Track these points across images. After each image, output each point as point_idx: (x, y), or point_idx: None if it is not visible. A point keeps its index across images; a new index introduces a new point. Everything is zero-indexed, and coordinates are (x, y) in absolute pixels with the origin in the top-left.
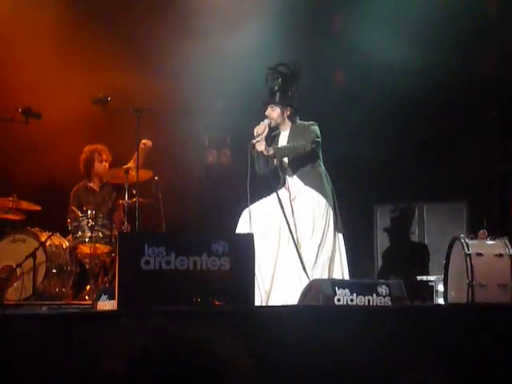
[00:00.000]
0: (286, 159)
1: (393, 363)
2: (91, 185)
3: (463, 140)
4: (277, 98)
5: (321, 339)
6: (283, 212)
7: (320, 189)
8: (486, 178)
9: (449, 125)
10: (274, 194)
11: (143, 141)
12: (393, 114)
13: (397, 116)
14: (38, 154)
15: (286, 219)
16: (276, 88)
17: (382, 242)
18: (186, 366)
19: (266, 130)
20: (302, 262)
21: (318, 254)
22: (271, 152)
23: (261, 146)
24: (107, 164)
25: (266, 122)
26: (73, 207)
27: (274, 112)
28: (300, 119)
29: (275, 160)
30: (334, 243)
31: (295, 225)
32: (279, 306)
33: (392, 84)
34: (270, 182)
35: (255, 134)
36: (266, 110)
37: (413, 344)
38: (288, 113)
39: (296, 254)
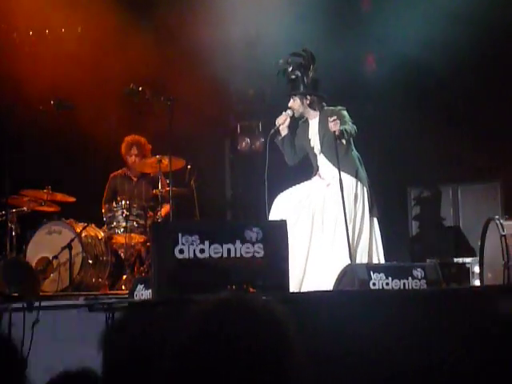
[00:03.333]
0: (318, 145)
1: (429, 347)
2: (129, 173)
3: (497, 119)
4: (294, 88)
5: (356, 324)
6: (320, 199)
7: (354, 173)
8: None
9: (483, 104)
10: (307, 181)
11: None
12: (426, 95)
13: (430, 97)
14: (71, 145)
15: (323, 206)
16: (292, 78)
17: (416, 224)
18: (223, 354)
19: (288, 120)
20: (349, 248)
21: (357, 239)
22: (341, 131)
23: (336, 126)
24: (137, 158)
25: (288, 112)
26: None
27: (294, 103)
28: (328, 105)
29: (344, 140)
30: (370, 228)
31: (336, 210)
32: (314, 292)
33: (425, 63)
34: (301, 170)
35: (277, 123)
36: (289, 101)
37: (449, 327)
38: (307, 102)
39: (329, 240)
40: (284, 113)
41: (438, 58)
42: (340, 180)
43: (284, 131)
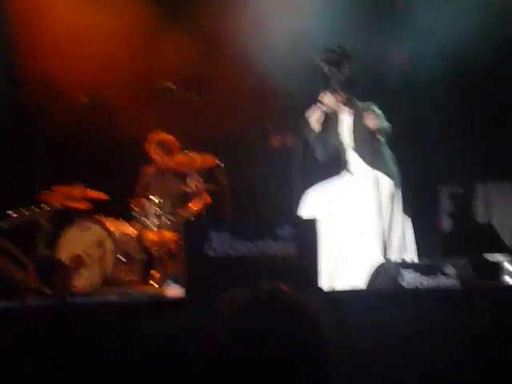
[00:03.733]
0: (349, 141)
1: (462, 345)
2: (161, 169)
3: None
4: (326, 84)
5: (389, 323)
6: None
7: (385, 169)
8: None
9: None
10: (336, 177)
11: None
12: (456, 91)
13: (460, 92)
14: (104, 142)
15: (353, 202)
16: (324, 73)
17: (447, 222)
18: (255, 353)
19: (318, 113)
20: (385, 247)
21: (388, 237)
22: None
23: (374, 121)
24: (163, 156)
25: (319, 106)
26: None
27: (326, 98)
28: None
29: (380, 137)
30: (403, 226)
31: (366, 209)
32: (347, 291)
33: (455, 60)
34: (331, 166)
35: (306, 117)
36: (320, 97)
37: (483, 325)
38: (340, 99)
39: (361, 238)
40: (314, 106)
41: (481, 50)
42: (375, 178)
43: (316, 127)
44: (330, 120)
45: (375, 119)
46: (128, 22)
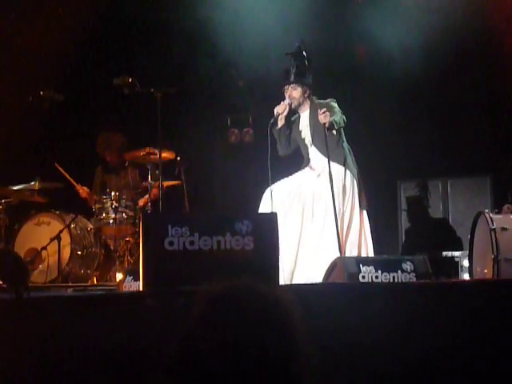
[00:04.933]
0: (309, 137)
1: (418, 340)
2: (115, 166)
3: (488, 113)
4: (297, 78)
5: (346, 317)
6: (310, 190)
7: (345, 164)
8: (509, 150)
9: (471, 98)
10: (297, 173)
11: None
12: (414, 89)
13: (418, 91)
14: (61, 135)
15: (313, 198)
16: (295, 68)
17: (405, 218)
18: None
19: (287, 109)
20: (339, 240)
21: (347, 232)
22: (331, 123)
23: (326, 118)
24: (112, 156)
25: (287, 101)
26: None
27: (295, 91)
28: (318, 97)
29: (334, 131)
30: (360, 220)
31: (326, 202)
32: (304, 284)
33: (411, 59)
34: (292, 162)
35: (275, 113)
36: (284, 91)
37: (438, 320)
38: (308, 92)
39: (319, 232)
40: (283, 102)
41: (428, 51)
42: (329, 171)
43: (281, 121)
44: (293, 116)
45: (326, 116)
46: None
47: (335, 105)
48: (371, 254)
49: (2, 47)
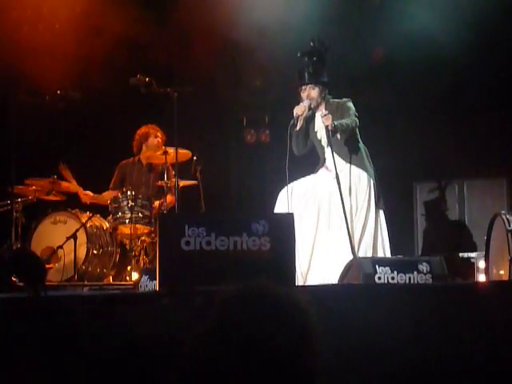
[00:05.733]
0: (325, 138)
1: (433, 341)
2: (140, 162)
3: (503, 115)
4: (314, 77)
5: (361, 318)
6: (326, 191)
7: (361, 165)
8: None
9: (489, 100)
10: (313, 174)
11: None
12: (432, 90)
13: (436, 92)
14: (79, 135)
15: (329, 198)
16: (311, 67)
17: (422, 219)
18: (228, 347)
19: (306, 110)
20: (351, 241)
21: (362, 232)
22: (335, 126)
23: (328, 120)
24: (161, 141)
25: (306, 102)
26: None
27: (313, 91)
28: (333, 97)
29: (338, 135)
30: (376, 220)
31: (340, 203)
32: (320, 285)
33: (432, 60)
34: (308, 163)
35: (295, 114)
36: (300, 92)
37: (454, 322)
38: (324, 93)
39: (334, 233)
40: (302, 103)
41: (450, 52)
42: (336, 173)
43: (301, 123)
44: (309, 117)
45: (328, 118)
46: (101, 15)
47: (351, 105)
48: (388, 254)
49: (20, 45)
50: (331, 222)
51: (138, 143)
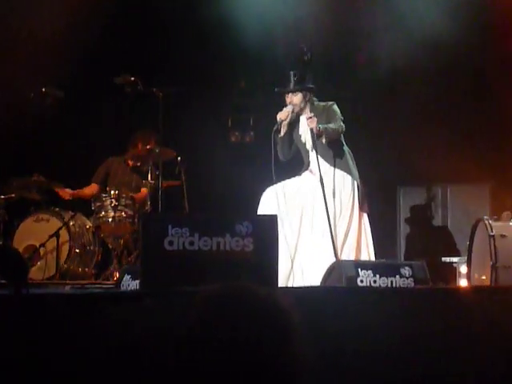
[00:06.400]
0: (309, 141)
1: (415, 345)
2: (128, 161)
3: (489, 121)
4: (297, 84)
5: (343, 320)
6: (310, 194)
7: (346, 169)
8: (509, 158)
9: (472, 105)
10: (297, 176)
11: None
12: (416, 94)
13: (421, 96)
14: (62, 133)
15: (312, 202)
16: (295, 74)
17: (404, 223)
18: (209, 348)
19: (290, 116)
20: (333, 244)
21: (345, 235)
22: (320, 130)
23: (312, 123)
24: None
25: (289, 107)
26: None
27: (296, 98)
28: (318, 100)
29: (324, 139)
30: (359, 224)
31: (324, 206)
32: (302, 287)
33: (418, 63)
34: (293, 165)
35: (278, 119)
36: (286, 96)
37: (435, 326)
38: (308, 97)
39: (317, 236)
40: (285, 108)
41: (431, 58)
42: (320, 176)
43: (285, 128)
44: (294, 120)
45: (313, 121)
46: (86, 13)
47: (337, 109)
48: (372, 257)
49: (5, 43)
50: (314, 224)
51: (134, 143)
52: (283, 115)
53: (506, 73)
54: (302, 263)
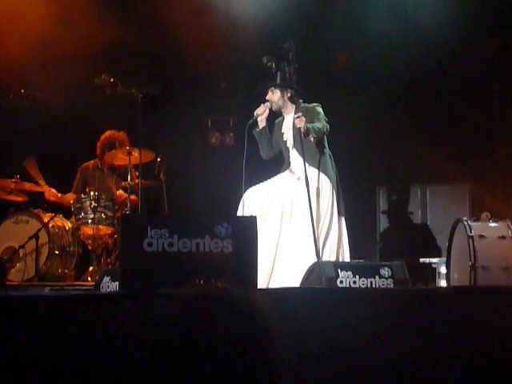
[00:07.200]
0: (290, 140)
1: (394, 345)
2: (101, 165)
3: (466, 121)
4: (275, 81)
5: (323, 321)
6: (289, 194)
7: (325, 171)
8: (488, 159)
9: (452, 106)
10: (277, 176)
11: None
12: (395, 95)
13: (399, 97)
14: (41, 134)
15: (291, 201)
16: (273, 71)
17: (384, 223)
18: (188, 349)
19: (267, 111)
20: (316, 245)
21: (326, 236)
22: (308, 129)
23: (300, 122)
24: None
25: (267, 104)
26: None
27: (274, 95)
28: (303, 102)
29: (312, 138)
30: (339, 227)
31: (304, 206)
32: (282, 288)
33: (395, 66)
34: (274, 165)
35: (255, 114)
36: (266, 95)
37: (415, 326)
38: (288, 95)
39: (297, 236)
40: (263, 105)
41: (408, 59)
42: (306, 176)
43: (262, 123)
44: (276, 119)
45: (301, 121)
46: (64, 13)
47: (321, 110)
48: (347, 259)
49: None
50: (293, 225)
51: (102, 147)
52: (260, 110)
53: (483, 75)
54: (282, 263)
